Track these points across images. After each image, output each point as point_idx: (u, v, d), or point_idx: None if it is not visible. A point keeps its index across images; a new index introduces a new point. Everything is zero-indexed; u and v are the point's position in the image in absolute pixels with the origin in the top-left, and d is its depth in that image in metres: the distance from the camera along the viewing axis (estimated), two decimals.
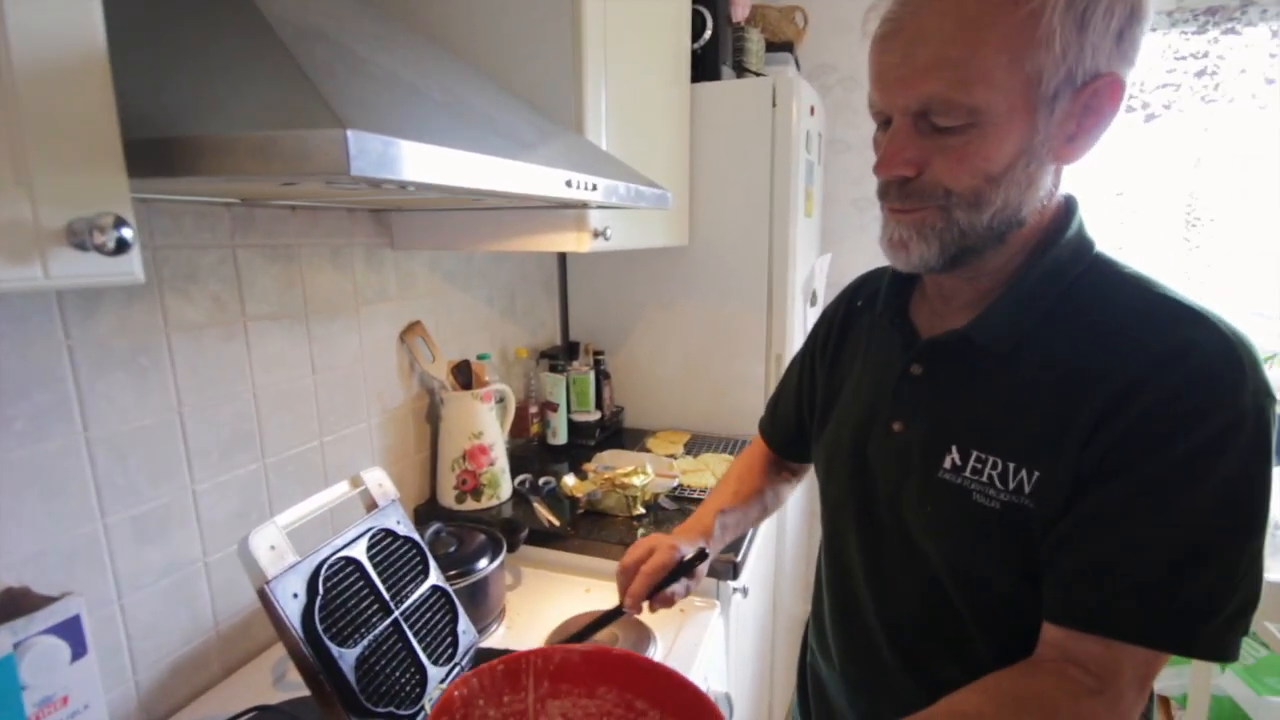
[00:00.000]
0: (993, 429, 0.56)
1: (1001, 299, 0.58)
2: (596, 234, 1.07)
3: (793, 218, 1.60)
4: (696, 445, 1.65)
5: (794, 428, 0.86)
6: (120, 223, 0.38)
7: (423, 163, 0.45)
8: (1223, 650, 0.49)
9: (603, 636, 0.99)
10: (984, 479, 0.55)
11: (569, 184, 0.65)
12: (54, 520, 0.73)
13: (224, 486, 0.92)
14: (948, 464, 0.58)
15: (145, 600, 0.83)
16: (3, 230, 0.35)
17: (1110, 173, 2.02)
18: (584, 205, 0.91)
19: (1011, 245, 0.57)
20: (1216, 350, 0.49)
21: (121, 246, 0.38)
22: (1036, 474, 0.53)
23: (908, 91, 0.52)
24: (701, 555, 0.77)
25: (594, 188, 0.70)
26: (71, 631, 0.51)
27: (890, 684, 0.65)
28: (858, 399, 0.69)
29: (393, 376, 1.23)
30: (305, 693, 0.88)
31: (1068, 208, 0.59)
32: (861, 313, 0.75)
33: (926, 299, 0.66)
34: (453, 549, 1.01)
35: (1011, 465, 0.54)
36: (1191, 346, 0.49)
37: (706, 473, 1.41)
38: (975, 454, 0.56)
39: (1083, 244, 0.58)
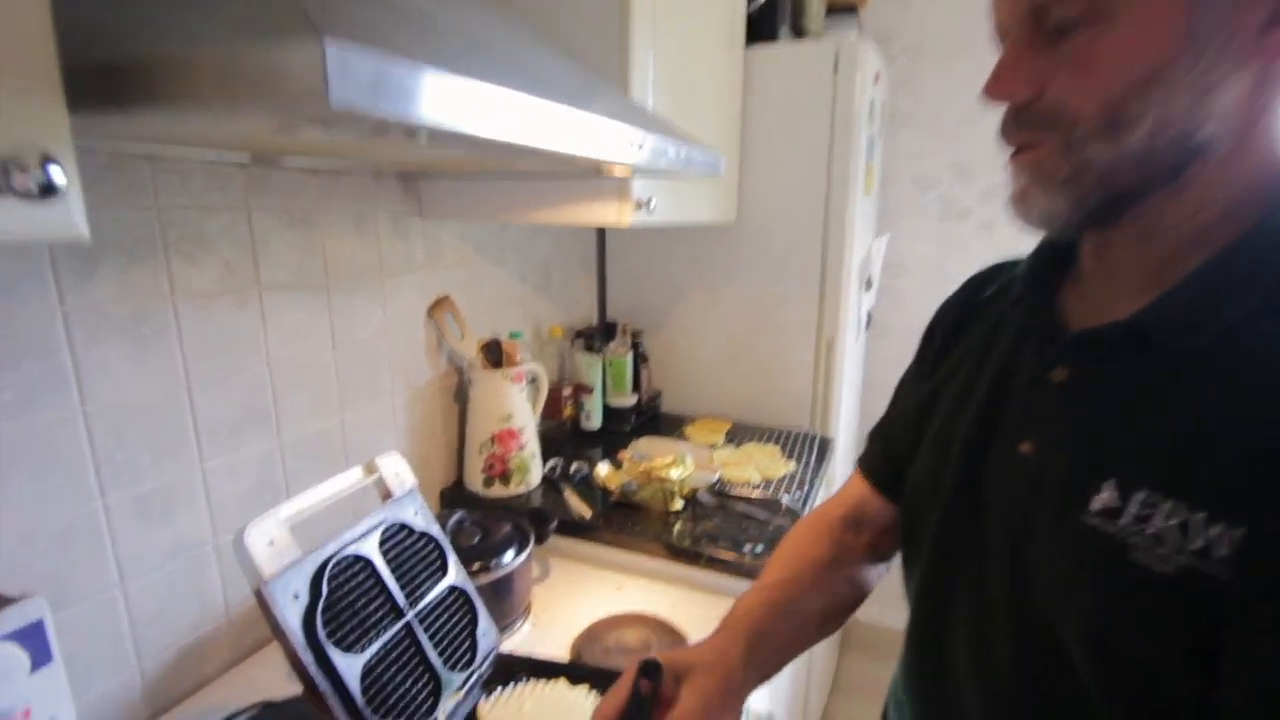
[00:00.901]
0: (1174, 462, 0.40)
1: (1196, 273, 0.41)
2: (639, 205, 0.97)
3: (851, 195, 1.47)
4: (738, 434, 1.55)
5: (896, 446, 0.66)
6: (48, 160, 0.30)
7: (431, 95, 0.36)
8: None
9: (634, 641, 0.91)
10: (1152, 531, 0.39)
11: (614, 138, 0.55)
12: (46, 499, 0.67)
13: (235, 465, 0.86)
14: (1098, 505, 0.42)
15: (150, 585, 0.78)
16: None
17: None
18: (627, 169, 0.81)
19: (1197, 189, 0.41)
20: None
21: (49, 190, 0.30)
22: (1241, 531, 0.36)
23: None
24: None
25: (641, 146, 0.60)
26: (33, 637, 0.45)
27: None
28: (969, 409, 0.54)
29: (419, 353, 1.16)
30: None
31: None
32: (989, 304, 0.59)
33: (1082, 283, 0.50)
34: (477, 540, 0.95)
35: (1200, 516, 0.38)
36: None
37: (750, 466, 1.31)
38: (1143, 494, 0.40)
39: None
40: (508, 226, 1.37)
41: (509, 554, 0.94)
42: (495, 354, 1.24)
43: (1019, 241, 0.53)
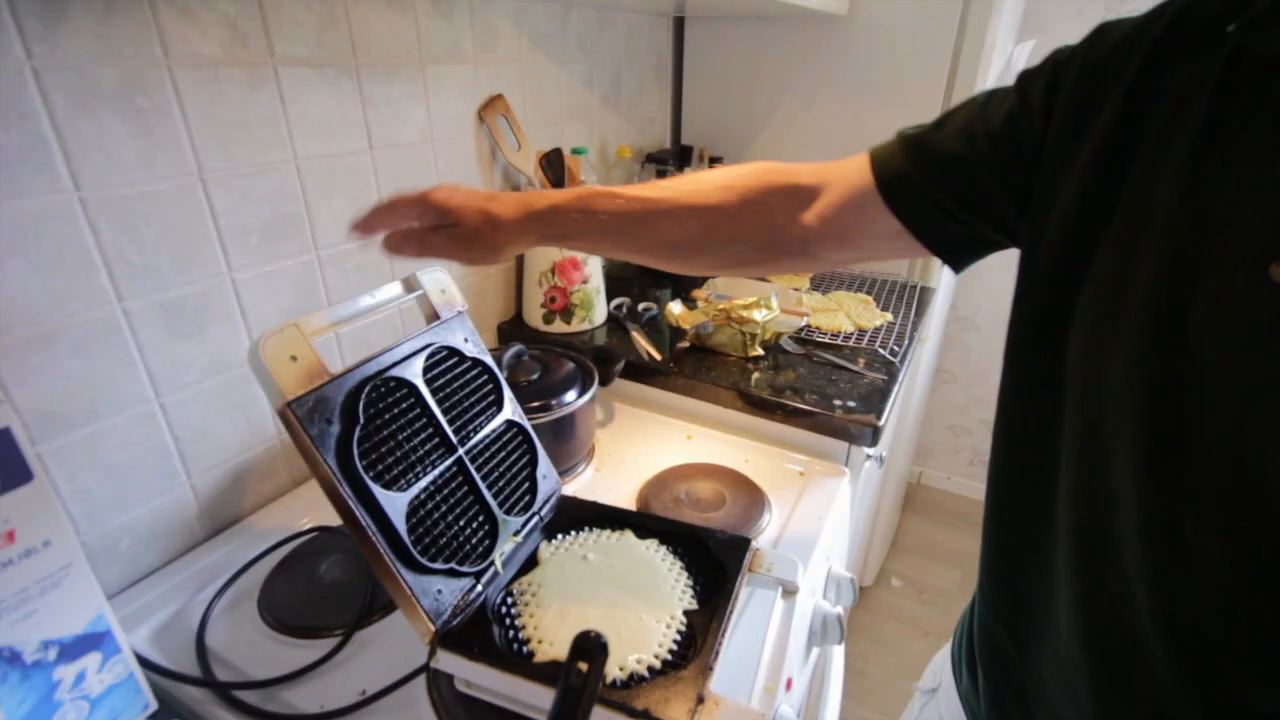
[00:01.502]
0: None
1: None
2: None
3: None
4: (825, 281, 1.37)
5: (948, 175, 0.48)
6: None
7: None
8: None
9: (707, 494, 0.82)
10: None
11: None
12: (54, 298, 0.59)
13: (270, 277, 0.77)
14: None
15: (189, 400, 0.72)
16: None
17: None
18: None
19: None
20: None
21: None
22: None
23: None
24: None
25: None
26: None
27: (1161, 712, 0.39)
28: (1180, 215, 0.35)
29: (470, 163, 1.00)
30: None
31: None
32: (1210, 31, 0.36)
33: None
34: (535, 376, 0.85)
35: None
36: None
37: (840, 314, 1.15)
38: None
39: None
40: (570, 12, 1.13)
41: (571, 393, 0.84)
42: (557, 169, 1.07)
43: None
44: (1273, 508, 0.32)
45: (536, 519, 0.66)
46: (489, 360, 0.66)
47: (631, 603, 0.58)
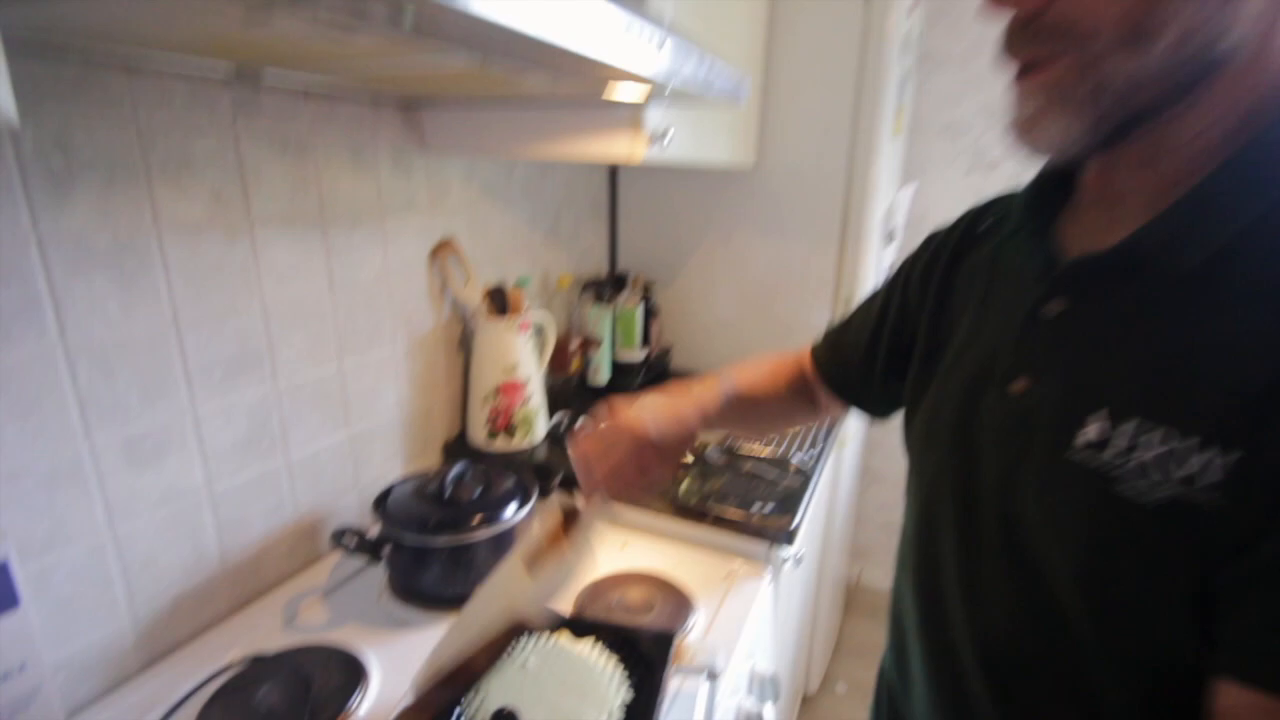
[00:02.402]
0: (1166, 389, 0.38)
1: (1194, 190, 0.38)
2: (653, 139, 0.90)
3: (879, 137, 1.38)
4: None
5: (858, 362, 0.69)
6: None
7: None
8: None
9: (637, 600, 0.88)
10: (1138, 461, 0.38)
11: (631, 33, 0.49)
12: (29, 437, 0.64)
13: (229, 408, 0.83)
14: (1084, 439, 0.40)
15: (141, 530, 0.75)
16: None
17: None
18: (642, 91, 0.74)
19: (1209, 105, 0.38)
20: None
21: None
22: (1236, 455, 0.34)
23: None
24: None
25: (661, 45, 0.53)
26: None
27: None
28: (970, 352, 0.52)
29: (422, 298, 1.11)
30: (314, 638, 0.81)
31: None
32: (986, 237, 0.56)
33: (1082, 212, 0.47)
34: (478, 493, 0.91)
35: (1193, 441, 0.36)
36: None
37: None
38: (1134, 424, 0.38)
39: None
40: (515, 166, 1.30)
41: (510, 508, 0.90)
42: (500, 302, 1.19)
43: None
44: (1033, 555, 0.44)
45: None
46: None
47: (573, 702, 0.63)
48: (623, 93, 0.76)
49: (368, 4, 0.33)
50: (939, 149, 1.93)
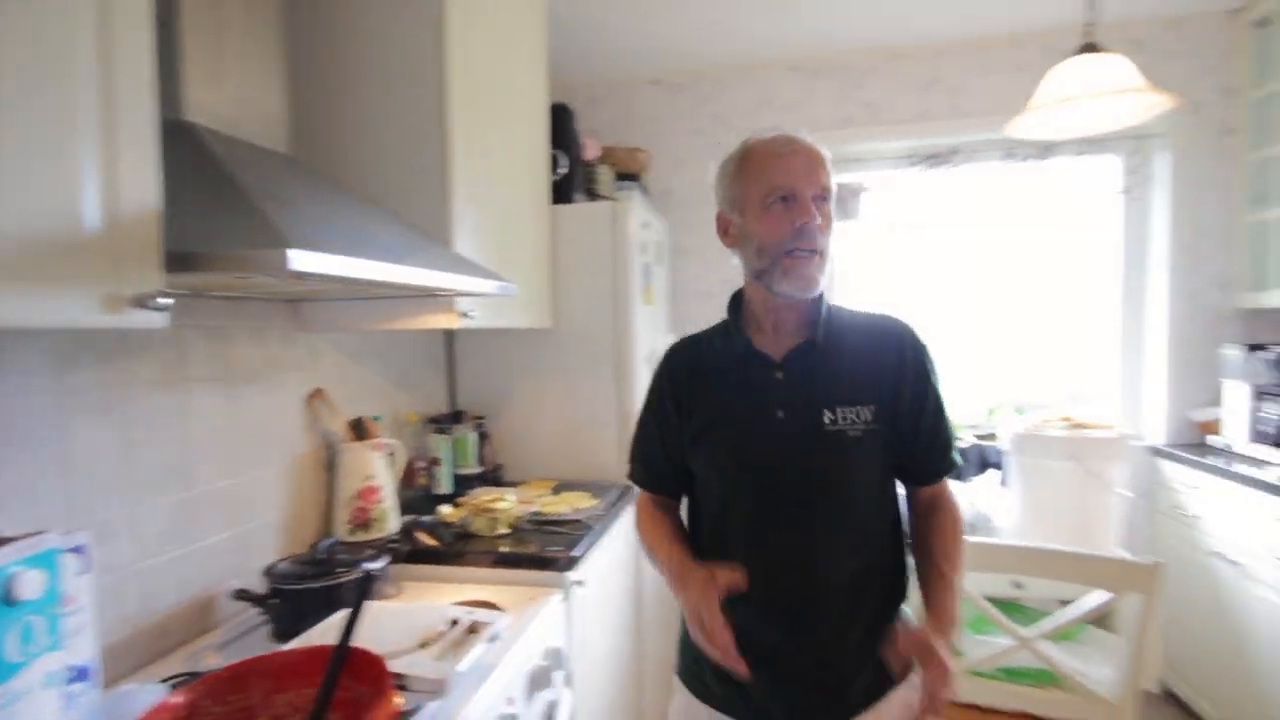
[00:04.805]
0: (848, 389, 0.95)
1: (819, 321, 0.98)
2: (462, 315, 1.46)
3: (633, 306, 2.07)
4: (561, 489, 1.99)
5: (672, 469, 1.07)
6: (161, 294, 0.73)
7: (326, 264, 0.83)
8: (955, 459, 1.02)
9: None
10: (846, 421, 0.94)
11: (430, 277, 1.05)
12: (17, 526, 0.98)
13: (159, 508, 1.18)
14: (825, 420, 0.94)
15: None
16: (108, 300, 0.70)
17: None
18: (450, 294, 1.30)
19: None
20: (910, 326, 1.03)
21: (159, 308, 0.73)
22: (873, 406, 0.95)
23: (813, 180, 0.94)
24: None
25: (458, 272, 1.09)
26: (80, 553, 0.79)
27: (820, 597, 0.95)
28: (736, 409, 0.98)
29: (299, 430, 1.52)
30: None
31: None
32: (706, 353, 1.05)
33: (763, 332, 1.00)
34: (343, 555, 1.30)
35: (861, 406, 0.94)
36: (906, 328, 1.02)
37: (563, 504, 1.75)
38: (841, 409, 0.94)
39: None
40: (371, 336, 1.79)
41: (369, 563, 1.29)
42: (360, 430, 1.63)
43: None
44: (824, 478, 0.96)
45: None
46: None
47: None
48: (440, 289, 1.32)
49: (309, 276, 0.84)
50: (696, 308, 2.70)
